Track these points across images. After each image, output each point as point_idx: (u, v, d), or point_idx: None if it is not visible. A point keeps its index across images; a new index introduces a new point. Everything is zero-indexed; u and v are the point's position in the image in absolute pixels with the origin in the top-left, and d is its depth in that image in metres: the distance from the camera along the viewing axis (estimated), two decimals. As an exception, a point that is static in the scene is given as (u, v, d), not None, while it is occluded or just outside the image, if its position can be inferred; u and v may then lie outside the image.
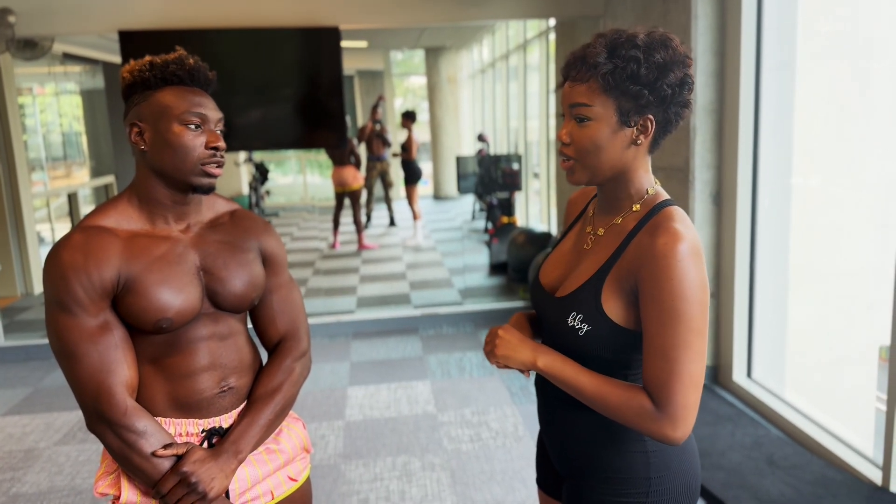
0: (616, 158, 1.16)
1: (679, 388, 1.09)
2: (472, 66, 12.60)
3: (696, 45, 3.38)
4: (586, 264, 1.23)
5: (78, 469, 3.09)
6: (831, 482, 2.62)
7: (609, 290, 1.16)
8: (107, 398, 1.22)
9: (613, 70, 1.11)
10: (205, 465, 1.27)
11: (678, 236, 1.09)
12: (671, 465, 1.24)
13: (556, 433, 1.33)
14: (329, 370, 4.19)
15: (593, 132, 1.14)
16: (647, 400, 1.11)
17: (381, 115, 8.58)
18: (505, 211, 7.08)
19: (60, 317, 1.23)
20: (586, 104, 1.13)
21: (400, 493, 2.80)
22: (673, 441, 1.11)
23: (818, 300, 3.36)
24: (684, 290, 1.08)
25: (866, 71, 2.98)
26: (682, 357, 1.09)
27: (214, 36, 4.49)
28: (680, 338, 1.09)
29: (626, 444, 1.23)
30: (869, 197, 2.98)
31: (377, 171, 8.63)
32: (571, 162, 1.18)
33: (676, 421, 1.10)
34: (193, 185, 1.29)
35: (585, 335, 1.18)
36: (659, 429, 1.10)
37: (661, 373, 1.10)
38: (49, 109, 7.67)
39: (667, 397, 1.09)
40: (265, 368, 1.45)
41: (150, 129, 1.28)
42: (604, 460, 1.24)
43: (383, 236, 8.75)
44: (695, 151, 3.46)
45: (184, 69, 1.28)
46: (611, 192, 1.23)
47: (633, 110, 1.13)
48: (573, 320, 1.18)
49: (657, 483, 1.22)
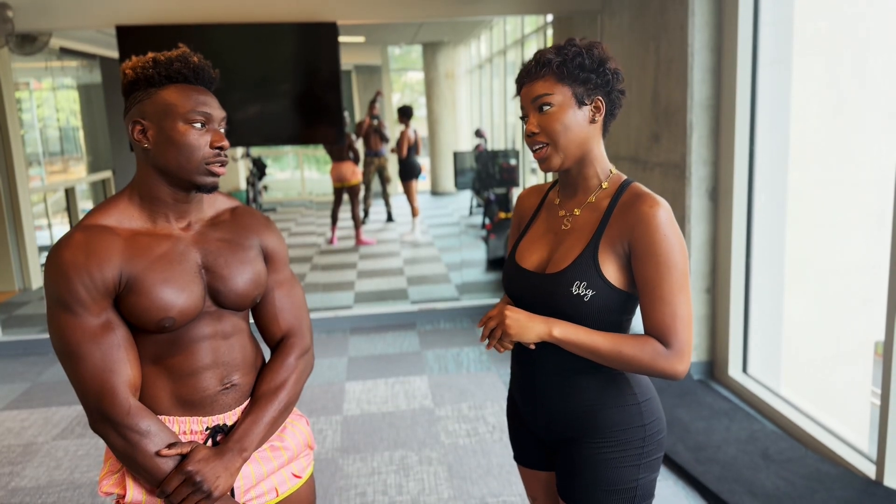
0: (582, 137, 1.34)
1: (682, 326, 1.28)
2: (470, 62, 12.59)
3: (692, 40, 3.39)
4: (571, 240, 1.37)
5: (77, 463, 3.10)
6: (825, 476, 2.64)
7: (604, 256, 1.32)
8: (110, 398, 1.22)
9: (563, 61, 1.31)
10: (209, 463, 1.27)
11: (658, 203, 1.29)
12: (654, 411, 1.41)
13: (547, 403, 1.43)
14: (327, 365, 4.20)
15: (558, 114, 1.32)
16: (657, 343, 1.29)
17: (379, 111, 8.57)
18: (502, 206, 7.09)
19: (62, 316, 1.23)
20: (547, 93, 1.32)
21: (397, 487, 2.81)
22: (681, 374, 1.29)
23: (814, 296, 3.37)
24: (673, 245, 1.27)
25: (862, 67, 2.99)
26: (679, 300, 1.28)
27: (212, 31, 4.49)
28: (676, 284, 1.28)
29: (624, 399, 1.38)
30: (864, 193, 2.99)
31: (375, 166, 8.63)
32: (545, 148, 1.35)
33: (683, 355, 1.29)
34: (197, 184, 1.29)
35: (591, 300, 1.31)
36: (671, 366, 1.28)
37: (666, 316, 1.28)
38: (46, 104, 7.66)
39: (674, 336, 1.28)
40: (268, 365, 1.45)
41: (153, 128, 1.27)
42: (606, 419, 1.37)
43: (381, 232, 8.76)
44: (691, 147, 3.47)
45: (188, 67, 1.28)
46: (578, 175, 1.39)
47: (584, 93, 1.33)
48: (577, 288, 1.31)
49: (650, 429, 1.39)
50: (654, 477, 1.41)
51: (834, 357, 3.21)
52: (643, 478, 1.39)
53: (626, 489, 1.37)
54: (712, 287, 3.63)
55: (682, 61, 3.47)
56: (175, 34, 4.40)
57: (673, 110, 3.61)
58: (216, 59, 1.45)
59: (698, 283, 3.63)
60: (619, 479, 1.37)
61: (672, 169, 3.65)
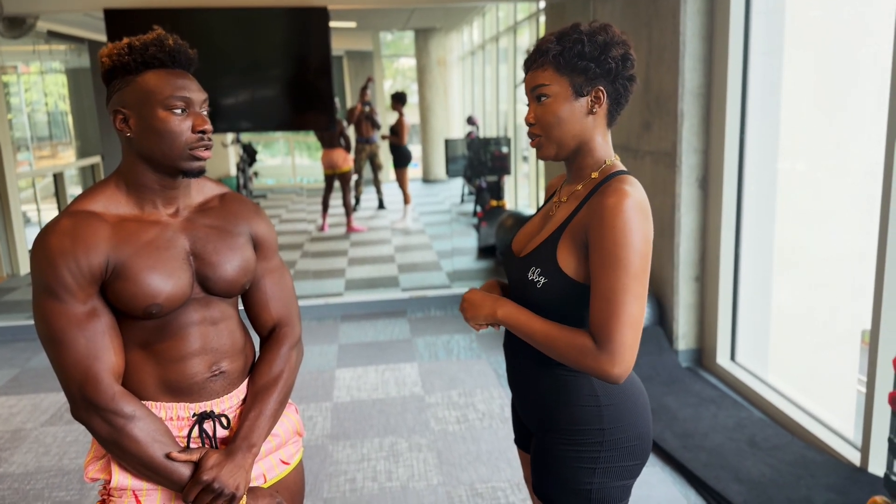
0: (577, 129, 1.31)
1: (618, 326, 1.21)
2: (462, 49, 12.53)
3: (684, 29, 3.38)
4: (548, 227, 1.38)
5: (65, 449, 3.09)
6: (811, 463, 2.67)
7: (563, 246, 1.30)
8: (94, 384, 1.22)
9: (562, 51, 1.28)
10: (223, 467, 1.27)
11: (625, 194, 1.23)
12: (623, 418, 1.35)
13: (522, 391, 1.45)
14: (317, 352, 4.20)
15: (553, 106, 1.30)
16: (589, 340, 1.23)
17: (370, 97, 8.52)
18: (494, 194, 7.09)
19: (48, 302, 1.22)
20: (544, 84, 1.30)
21: (387, 474, 2.82)
22: (614, 378, 1.22)
23: (802, 284, 3.39)
24: (625, 239, 1.20)
25: (853, 58, 2.99)
26: (621, 299, 1.21)
27: (201, 15, 4.44)
28: (620, 282, 1.21)
29: (580, 398, 1.35)
30: (853, 182, 3.00)
31: (366, 153, 8.59)
32: (539, 138, 1.34)
33: (615, 357, 1.21)
34: (183, 170, 1.28)
35: (542, 287, 1.31)
36: (599, 365, 1.22)
37: (602, 313, 1.22)
38: (34, 88, 7.58)
39: (607, 335, 1.21)
40: (263, 357, 1.45)
41: (134, 116, 1.25)
42: (562, 414, 1.36)
43: (372, 219, 8.74)
44: (682, 136, 3.47)
45: (164, 51, 1.25)
46: (575, 164, 1.37)
47: (584, 83, 1.29)
48: (532, 274, 1.32)
49: (610, 433, 1.34)
50: (617, 485, 1.36)
51: (821, 345, 3.24)
52: (598, 482, 1.34)
53: (579, 490, 1.35)
54: (701, 275, 3.65)
55: (673, 49, 3.47)
56: (164, 17, 4.36)
57: (664, 98, 3.60)
58: (206, 43, 1.44)
59: (687, 271, 3.64)
60: (571, 477, 1.35)
61: (663, 157, 3.66)
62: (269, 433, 1.39)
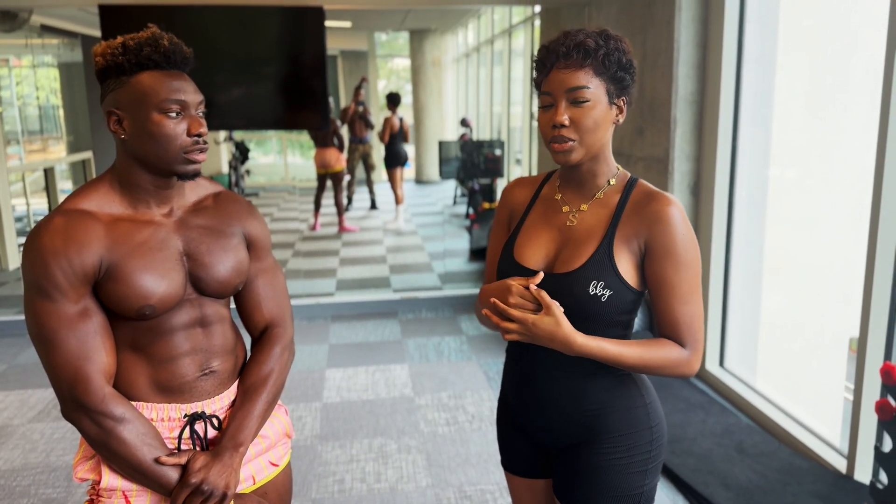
0: (605, 136, 1.29)
1: (698, 325, 1.28)
2: (457, 50, 12.55)
3: (679, 36, 3.40)
4: (581, 238, 1.31)
5: (52, 446, 3.07)
6: (798, 470, 2.69)
7: (619, 255, 1.28)
8: (84, 385, 1.20)
9: (607, 54, 1.23)
10: (211, 468, 1.27)
11: (672, 201, 1.26)
12: (658, 412, 1.38)
13: (550, 407, 1.36)
14: (307, 352, 4.20)
15: (593, 111, 1.24)
16: (678, 347, 1.27)
17: (365, 97, 8.51)
18: (486, 196, 7.09)
19: (39, 302, 1.20)
20: (586, 86, 1.23)
21: (376, 475, 2.82)
22: (695, 372, 1.30)
23: (791, 291, 3.42)
24: (689, 242, 1.26)
25: (844, 65, 3.02)
26: (696, 299, 1.27)
27: (196, 12, 4.43)
28: (693, 283, 1.27)
29: (632, 401, 1.35)
30: (843, 190, 3.03)
31: (359, 153, 8.58)
32: (571, 143, 1.26)
33: (699, 354, 1.29)
34: (177, 173, 1.26)
35: (608, 300, 1.26)
36: (690, 366, 1.28)
37: (685, 316, 1.27)
38: (26, 82, 7.54)
39: (691, 336, 1.27)
40: (254, 357, 1.44)
41: (128, 118, 1.23)
42: (613, 420, 1.33)
43: (364, 219, 8.73)
44: (675, 142, 3.49)
45: (159, 52, 1.22)
46: (588, 171, 1.33)
47: (615, 93, 1.27)
48: (595, 288, 1.26)
49: (656, 431, 1.36)
50: (656, 482, 1.38)
51: (809, 352, 3.26)
52: (648, 483, 1.35)
53: (632, 496, 1.33)
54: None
55: (667, 56, 3.49)
56: (159, 14, 4.35)
57: (657, 105, 3.62)
58: (201, 40, 1.43)
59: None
60: (626, 485, 1.33)
61: (655, 163, 3.67)
62: (258, 433, 1.38)
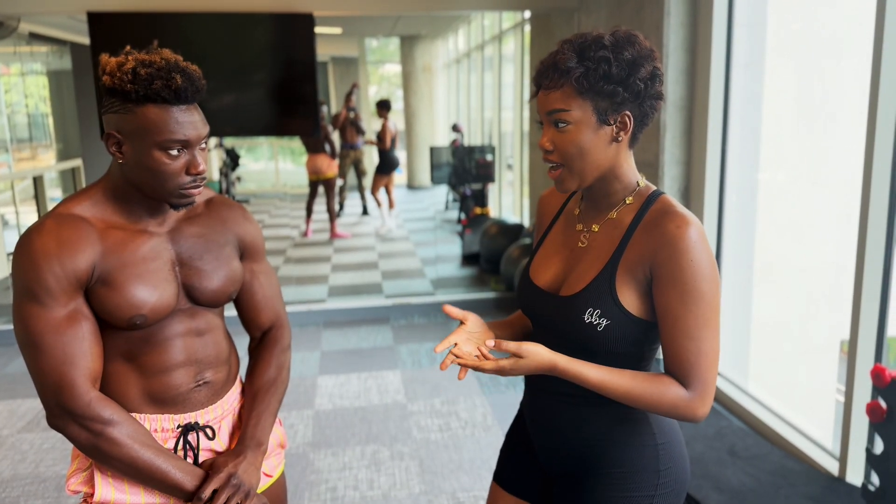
0: (601, 159, 1.17)
1: (706, 365, 1.13)
2: (448, 56, 12.57)
3: (667, 41, 3.42)
4: (588, 260, 1.22)
5: (42, 457, 3.05)
6: (790, 472, 2.69)
7: (622, 282, 1.17)
8: (69, 390, 1.18)
9: (586, 72, 1.12)
10: (239, 465, 1.29)
11: (686, 221, 1.12)
12: (674, 456, 1.26)
13: (554, 432, 1.30)
14: (299, 359, 4.18)
15: (575, 135, 1.15)
16: (677, 386, 1.14)
17: (356, 103, 8.51)
18: (478, 202, 7.10)
19: (28, 306, 1.18)
20: (564, 109, 1.14)
21: (368, 482, 2.81)
22: (700, 417, 1.14)
23: (781, 294, 3.43)
24: (702, 271, 1.11)
25: (833, 69, 3.04)
26: (705, 335, 1.13)
27: (186, 20, 4.42)
28: (703, 317, 1.12)
29: (639, 438, 1.24)
30: (833, 194, 3.04)
31: (351, 159, 8.58)
32: (560, 170, 1.19)
33: (705, 398, 1.14)
34: (171, 204, 1.25)
35: (605, 330, 1.17)
36: (692, 411, 1.13)
37: (689, 353, 1.13)
38: (14, 90, 7.50)
39: (696, 376, 1.13)
40: (260, 357, 1.46)
41: (128, 145, 1.20)
42: (615, 455, 1.24)
43: (356, 225, 8.72)
44: (664, 147, 3.50)
45: (169, 89, 1.16)
46: (600, 190, 1.23)
47: (609, 109, 1.14)
48: (590, 316, 1.17)
49: (665, 475, 1.24)
50: None
51: (800, 355, 3.27)
52: None
53: None
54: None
55: (657, 61, 3.50)
56: (148, 22, 4.34)
57: (647, 109, 3.63)
58: (190, 48, 1.42)
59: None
60: None
61: (645, 168, 3.68)
62: (272, 431, 1.40)
